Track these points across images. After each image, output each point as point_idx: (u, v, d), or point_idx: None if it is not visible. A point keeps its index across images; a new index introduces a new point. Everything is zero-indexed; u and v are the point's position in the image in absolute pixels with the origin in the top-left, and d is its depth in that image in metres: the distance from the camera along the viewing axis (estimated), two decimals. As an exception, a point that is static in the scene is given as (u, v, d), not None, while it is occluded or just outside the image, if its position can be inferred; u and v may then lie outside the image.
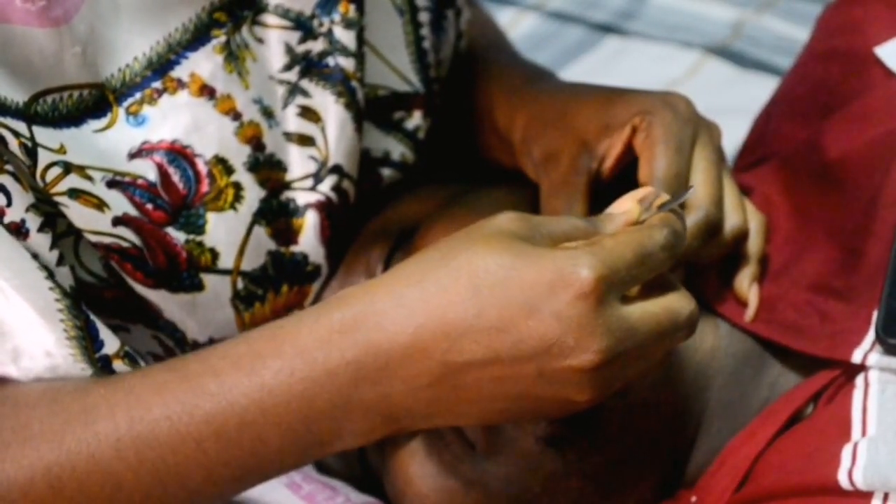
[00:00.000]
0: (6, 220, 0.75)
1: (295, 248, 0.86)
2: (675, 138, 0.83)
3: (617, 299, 0.69)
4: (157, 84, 0.81)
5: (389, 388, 0.70)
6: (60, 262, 0.78)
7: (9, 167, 0.75)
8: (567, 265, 0.67)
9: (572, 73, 1.38)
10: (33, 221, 0.76)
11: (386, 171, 0.94)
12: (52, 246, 0.77)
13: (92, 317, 0.78)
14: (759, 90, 1.17)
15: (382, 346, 0.69)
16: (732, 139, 1.09)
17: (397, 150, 0.94)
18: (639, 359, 0.70)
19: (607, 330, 0.67)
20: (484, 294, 0.68)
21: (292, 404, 0.71)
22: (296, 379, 0.71)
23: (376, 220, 0.93)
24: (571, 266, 0.67)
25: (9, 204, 0.75)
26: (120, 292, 0.82)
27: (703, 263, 0.87)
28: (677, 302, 0.71)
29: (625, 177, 0.85)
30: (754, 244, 0.88)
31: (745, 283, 0.87)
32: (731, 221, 0.86)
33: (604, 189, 0.85)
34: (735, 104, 1.25)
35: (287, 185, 0.86)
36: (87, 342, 0.77)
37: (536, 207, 0.88)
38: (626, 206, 0.74)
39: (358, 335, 0.70)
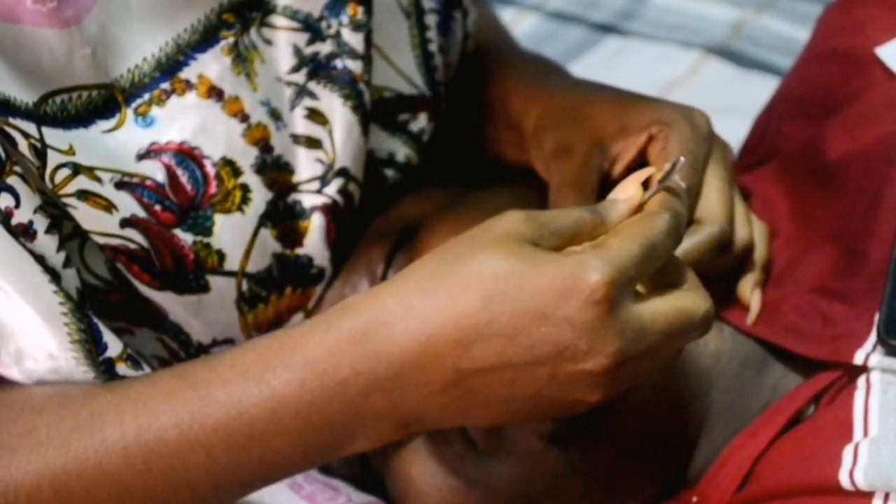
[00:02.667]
0: (14, 221, 0.75)
1: (300, 251, 0.86)
2: (692, 154, 0.83)
3: (628, 298, 0.69)
4: (165, 85, 0.81)
5: (401, 397, 0.70)
6: (67, 264, 0.78)
7: (17, 168, 0.75)
8: (577, 270, 0.67)
9: (572, 73, 1.38)
10: (41, 223, 0.76)
11: (389, 173, 0.94)
12: (59, 248, 0.77)
13: (94, 320, 0.78)
14: (759, 90, 1.17)
15: (394, 355, 0.69)
16: (732, 139, 1.09)
17: (402, 151, 0.94)
18: (651, 358, 0.70)
19: (619, 332, 0.68)
20: (495, 301, 0.68)
21: (302, 414, 0.71)
22: (306, 390, 0.70)
23: (378, 220, 0.93)
24: (581, 271, 0.67)
25: (17, 205, 0.75)
26: (125, 295, 0.82)
27: (710, 275, 0.87)
28: (691, 302, 0.71)
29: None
30: (758, 251, 0.88)
31: (748, 288, 0.88)
32: (739, 235, 0.86)
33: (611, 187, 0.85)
34: (735, 104, 1.25)
35: (294, 188, 0.85)
36: (91, 345, 0.77)
37: (541, 208, 0.88)
38: (628, 192, 0.74)
39: (368, 345, 0.69)
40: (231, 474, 0.73)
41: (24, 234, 0.75)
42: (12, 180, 0.75)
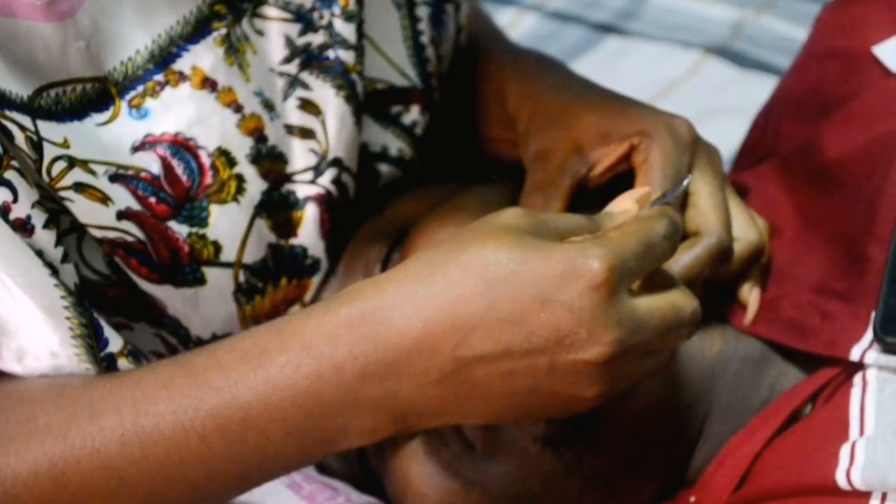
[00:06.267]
0: (12, 216, 0.75)
1: (294, 241, 0.86)
2: (673, 166, 0.83)
3: (626, 291, 0.69)
4: (159, 77, 0.81)
5: (397, 385, 0.70)
6: (65, 259, 0.78)
7: (14, 163, 0.75)
8: (578, 257, 0.68)
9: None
10: (38, 218, 0.76)
11: (383, 167, 0.94)
12: (57, 243, 0.77)
13: (95, 314, 0.78)
14: (759, 90, 1.17)
15: (391, 340, 0.69)
16: (732, 139, 1.10)
17: (395, 145, 0.94)
18: (646, 355, 0.70)
19: (618, 321, 0.68)
20: (495, 287, 0.68)
21: (298, 399, 0.71)
22: (302, 374, 0.70)
23: (374, 220, 0.93)
24: (582, 257, 0.68)
25: (15, 200, 0.75)
26: (123, 290, 0.82)
27: (718, 283, 0.87)
28: (681, 299, 0.72)
29: (614, 185, 0.85)
30: None
31: (747, 287, 0.88)
32: (748, 238, 0.86)
33: (592, 194, 0.86)
34: (735, 104, 1.25)
35: (288, 178, 0.86)
36: (93, 340, 0.77)
37: None
38: (624, 206, 0.75)
39: (366, 330, 0.69)
40: (226, 464, 0.72)
41: (21, 228, 0.75)
42: (10, 175, 0.75)
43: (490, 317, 0.68)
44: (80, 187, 0.77)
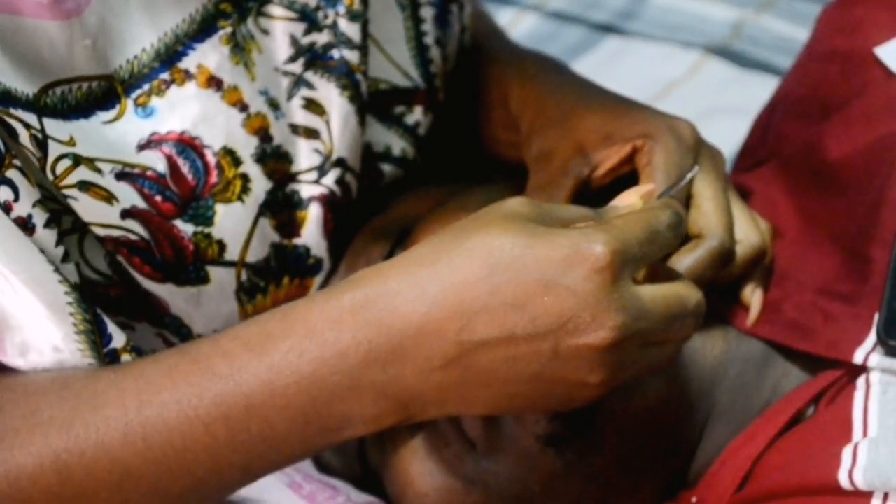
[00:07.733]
0: (13, 215, 0.75)
1: (297, 241, 0.86)
2: (677, 167, 0.83)
3: (630, 277, 0.69)
4: (164, 75, 0.81)
5: (401, 371, 0.70)
6: (65, 258, 0.78)
7: (16, 162, 0.75)
8: (582, 241, 0.68)
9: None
10: (40, 217, 0.76)
11: (386, 167, 0.94)
12: (58, 242, 0.77)
13: (98, 311, 0.78)
14: (759, 90, 1.17)
15: (395, 325, 0.69)
16: (732, 139, 1.10)
17: (398, 145, 0.94)
18: (649, 345, 0.70)
19: (622, 306, 0.68)
20: (499, 272, 0.68)
21: (301, 385, 0.70)
22: (305, 360, 0.70)
23: (377, 219, 0.93)
24: (586, 242, 0.68)
25: (16, 199, 0.75)
26: (125, 290, 0.82)
27: (720, 285, 0.87)
28: (685, 289, 0.72)
29: (616, 187, 0.85)
30: None
31: (749, 289, 0.88)
32: (750, 241, 0.86)
33: (594, 196, 0.85)
34: (735, 104, 1.25)
35: (293, 177, 0.86)
36: (96, 336, 0.77)
37: None
38: (629, 201, 0.75)
39: (370, 315, 0.69)
40: (230, 454, 0.72)
41: (22, 227, 0.75)
42: (11, 173, 0.75)
43: (494, 301, 0.68)
44: (84, 185, 0.77)
